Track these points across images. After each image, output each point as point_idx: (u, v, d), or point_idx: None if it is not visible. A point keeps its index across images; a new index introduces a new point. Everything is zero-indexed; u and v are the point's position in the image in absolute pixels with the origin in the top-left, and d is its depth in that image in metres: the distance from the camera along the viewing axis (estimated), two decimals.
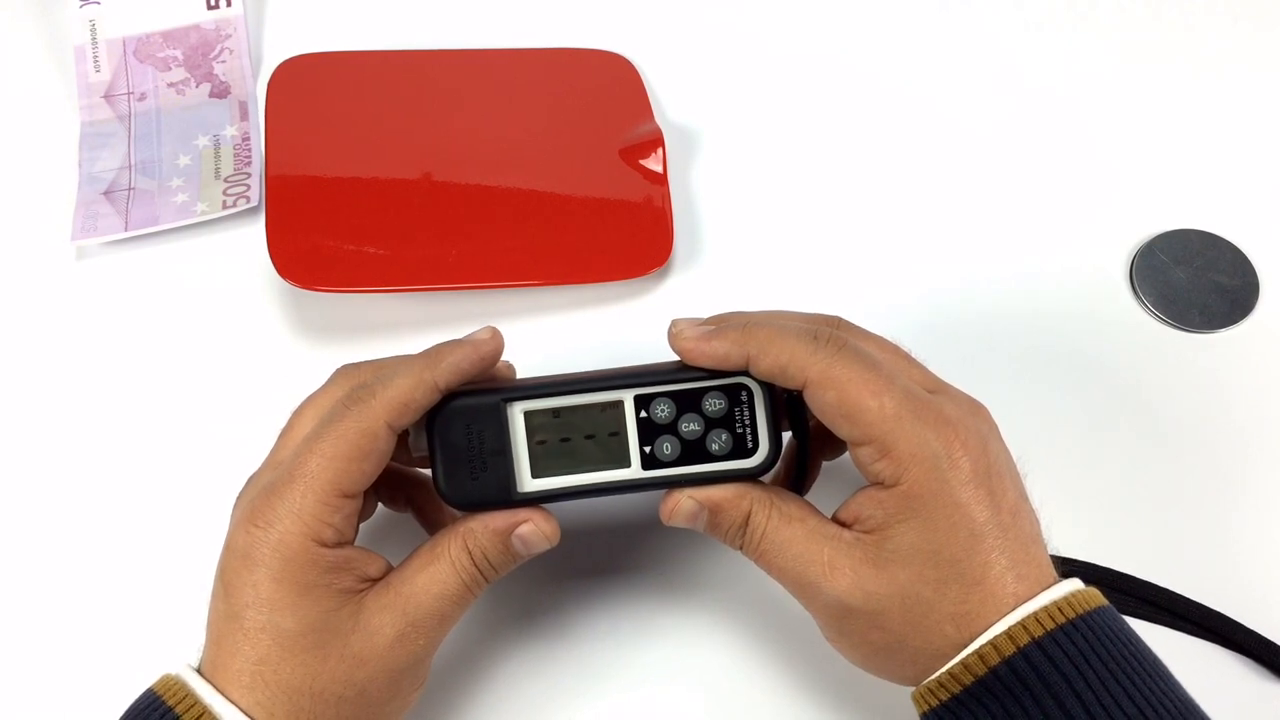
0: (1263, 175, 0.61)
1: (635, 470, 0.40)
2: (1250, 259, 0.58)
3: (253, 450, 0.42)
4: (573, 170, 0.59)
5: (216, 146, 0.62)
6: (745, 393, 0.40)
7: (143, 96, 0.63)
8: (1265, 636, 0.47)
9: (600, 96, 0.63)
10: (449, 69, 0.64)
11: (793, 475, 0.44)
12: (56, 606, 0.48)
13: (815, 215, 0.60)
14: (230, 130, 0.62)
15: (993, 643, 0.36)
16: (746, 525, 0.40)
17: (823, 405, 0.38)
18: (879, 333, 0.42)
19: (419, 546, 0.40)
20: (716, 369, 0.40)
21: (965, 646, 0.37)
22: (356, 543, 0.39)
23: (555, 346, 0.55)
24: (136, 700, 0.38)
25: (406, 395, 0.38)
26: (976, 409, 0.40)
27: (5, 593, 0.49)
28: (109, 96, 0.63)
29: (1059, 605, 0.36)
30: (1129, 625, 0.38)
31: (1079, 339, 0.56)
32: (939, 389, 0.40)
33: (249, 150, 0.61)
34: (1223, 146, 0.62)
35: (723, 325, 0.40)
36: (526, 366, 0.44)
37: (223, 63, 0.64)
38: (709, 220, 0.60)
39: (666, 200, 0.58)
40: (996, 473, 0.38)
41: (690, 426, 0.40)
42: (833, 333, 0.39)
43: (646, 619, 0.48)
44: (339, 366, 0.42)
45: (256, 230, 0.58)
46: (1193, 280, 0.57)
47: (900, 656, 0.38)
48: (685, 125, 0.63)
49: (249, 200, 0.59)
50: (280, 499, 0.37)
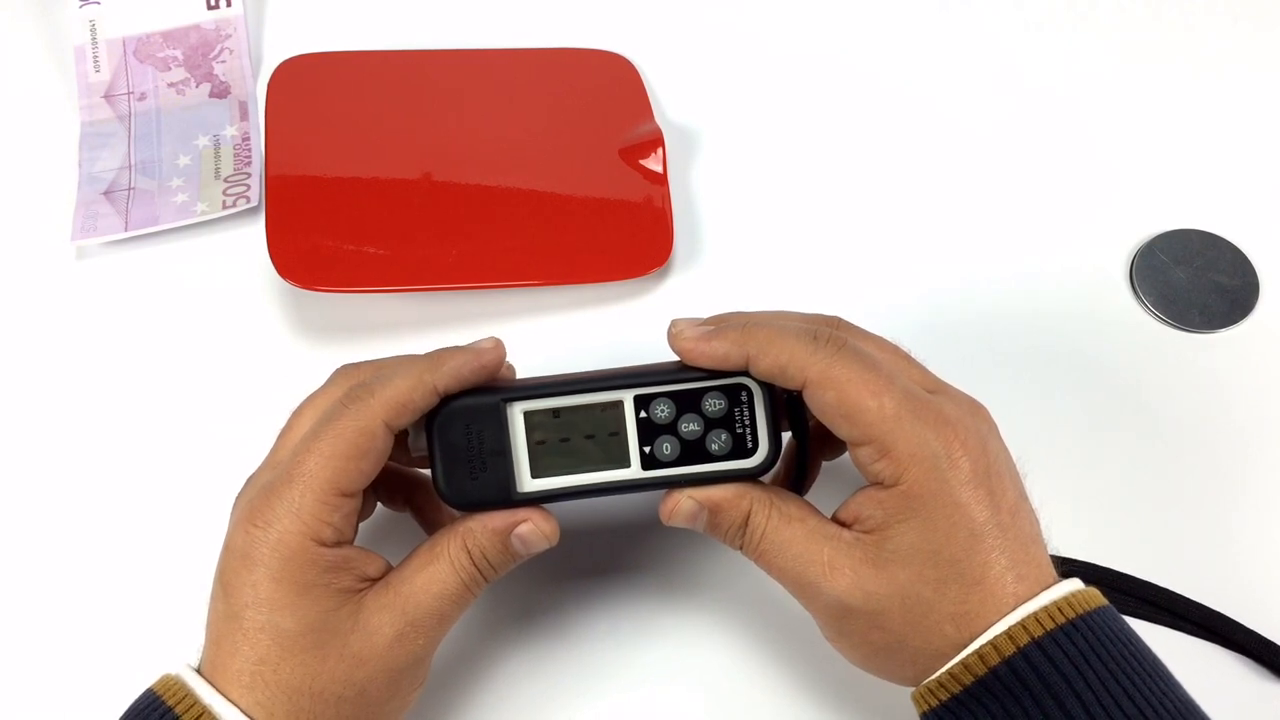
0: (1263, 175, 0.61)
1: (635, 470, 0.40)
2: (1250, 259, 0.58)
3: (252, 450, 0.42)
4: (573, 170, 0.59)
5: (216, 146, 0.61)
6: (745, 393, 0.40)
7: (143, 96, 0.63)
8: (1265, 636, 0.47)
9: (600, 96, 0.63)
10: (449, 69, 0.64)
11: (792, 475, 0.44)
12: (57, 606, 0.48)
13: (815, 215, 0.60)
14: (230, 130, 0.62)
15: (993, 643, 0.36)
16: (746, 525, 0.40)
17: (822, 405, 0.38)
18: (879, 333, 0.42)
19: (418, 546, 0.40)
20: (716, 369, 0.40)
21: (965, 646, 0.37)
22: (356, 542, 0.39)
23: (555, 346, 0.55)
24: (136, 700, 0.38)
25: (405, 396, 0.38)
26: (976, 409, 0.40)
27: (5, 593, 0.49)
28: (109, 96, 0.63)
29: (1059, 605, 0.36)
30: (1129, 625, 0.38)
31: (1079, 339, 0.56)
32: (939, 389, 0.40)
33: (249, 150, 0.61)
34: (1223, 146, 0.62)
35: (722, 325, 0.40)
36: (526, 367, 0.44)
37: (223, 63, 0.64)
38: (709, 220, 0.60)
39: (666, 200, 0.58)
40: (996, 473, 0.38)
41: (690, 426, 0.40)
42: (832, 333, 0.39)
43: (646, 619, 0.48)
44: (338, 366, 0.42)
45: (256, 230, 0.58)
46: (1193, 280, 0.57)
47: (900, 656, 0.38)
48: (685, 125, 0.63)
49: (249, 200, 0.59)
50: (279, 498, 0.37)
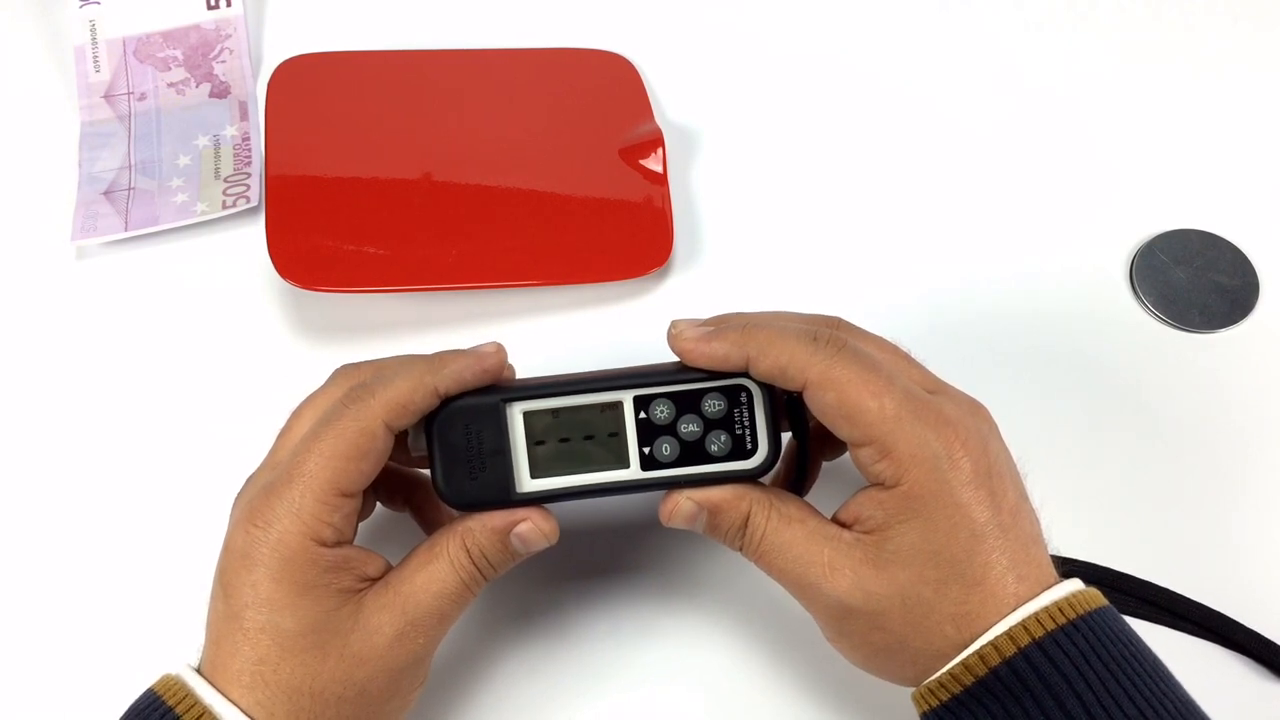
0: (1263, 175, 0.61)
1: (634, 471, 0.40)
2: (1250, 259, 0.58)
3: (252, 450, 0.42)
4: (573, 170, 0.59)
5: (216, 146, 0.61)
6: (745, 394, 0.40)
7: (143, 96, 0.63)
8: (1265, 636, 0.47)
9: (600, 96, 0.63)
10: (449, 69, 0.63)
11: (793, 476, 0.43)
12: (57, 606, 0.48)
13: (815, 215, 0.60)
14: (230, 130, 0.62)
15: (993, 643, 0.36)
16: (746, 526, 0.40)
17: (823, 406, 0.38)
18: (879, 333, 0.42)
19: (417, 546, 0.40)
20: (716, 370, 0.40)
21: (966, 647, 0.37)
22: (355, 542, 0.39)
23: (555, 346, 0.55)
24: (136, 700, 0.38)
25: (405, 397, 0.38)
26: (976, 409, 0.40)
27: (5, 593, 0.49)
28: (109, 96, 0.63)
29: (1059, 606, 0.36)
30: (1129, 625, 0.38)
31: (1079, 339, 0.56)
32: (939, 389, 0.40)
33: (249, 150, 0.61)
34: (1223, 146, 0.62)
35: (722, 326, 0.40)
36: (526, 367, 0.44)
37: (223, 63, 0.64)
38: (709, 220, 0.60)
39: (666, 200, 0.58)
40: (997, 473, 0.38)
41: (689, 427, 0.40)
42: (832, 334, 0.39)
43: (646, 619, 0.48)
44: (339, 366, 0.42)
45: (256, 230, 0.58)
46: (1193, 280, 0.57)
47: (901, 657, 0.38)
48: (685, 125, 0.63)
49: (249, 200, 0.59)
50: (279, 499, 0.37)
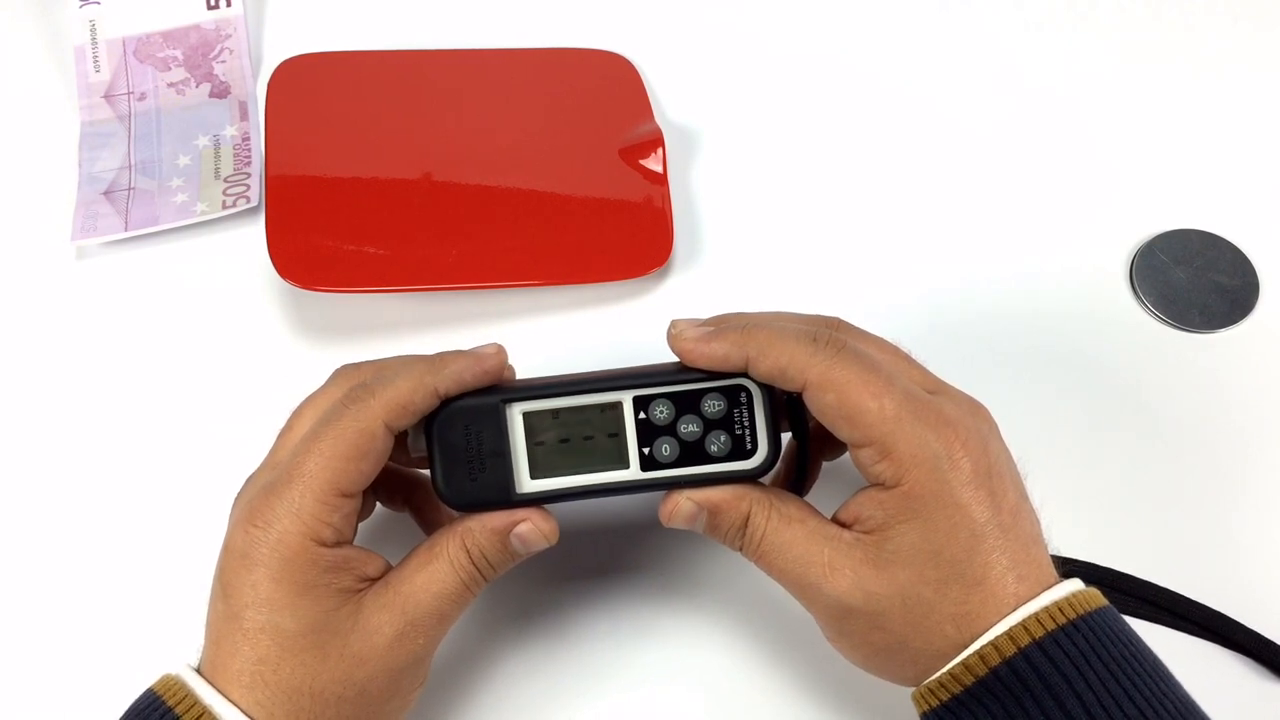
0: (1263, 175, 0.61)
1: (634, 471, 0.40)
2: (1250, 259, 0.58)
3: (252, 450, 0.42)
4: (573, 170, 0.59)
5: (216, 146, 0.61)
6: (744, 394, 0.40)
7: (143, 96, 0.63)
8: (1265, 636, 0.47)
9: (600, 96, 0.63)
10: (449, 69, 0.63)
11: (793, 476, 0.43)
12: (57, 606, 0.48)
13: (815, 215, 0.60)
14: (230, 130, 0.62)
15: (993, 643, 0.36)
16: (746, 526, 0.40)
17: (822, 407, 0.38)
18: (879, 333, 0.42)
19: (417, 546, 0.40)
20: (716, 370, 0.40)
21: (966, 647, 0.37)
22: (356, 542, 0.39)
23: (555, 346, 0.55)
24: (136, 700, 0.38)
25: (405, 397, 0.38)
26: (976, 409, 0.40)
27: (5, 593, 0.49)
28: (109, 96, 0.63)
29: (1060, 606, 0.36)
30: (1129, 625, 0.38)
31: (1079, 339, 0.56)
32: (939, 389, 0.40)
33: (249, 150, 0.61)
34: (1223, 146, 0.62)
35: (722, 326, 0.40)
36: (527, 367, 0.44)
37: (223, 63, 0.64)
38: (709, 220, 0.60)
39: (666, 200, 0.58)
40: (997, 473, 0.38)
41: (689, 428, 0.40)
42: (832, 334, 0.39)
43: (646, 619, 0.48)
44: (339, 366, 0.42)
45: (256, 230, 0.58)
46: (1193, 280, 0.57)
47: (901, 657, 0.38)
48: (685, 125, 0.63)
49: (249, 200, 0.59)
50: (279, 499, 0.37)
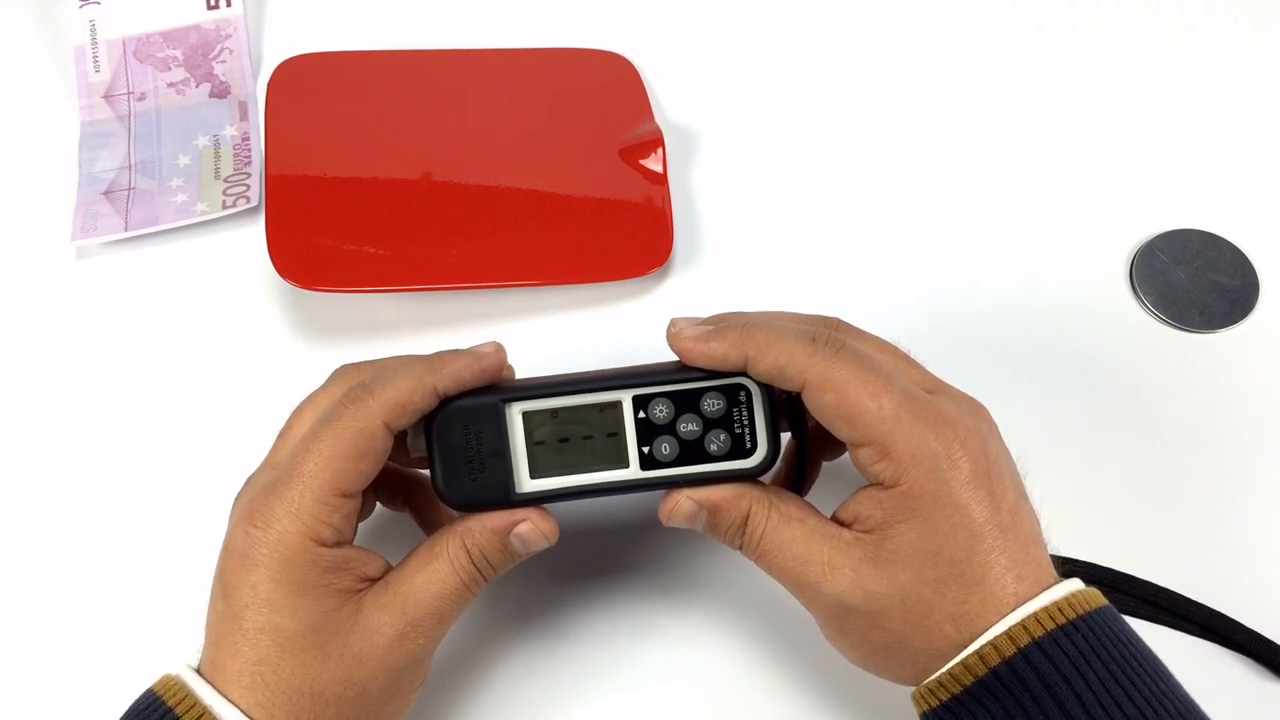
0: (1263, 175, 0.61)
1: (634, 471, 0.40)
2: (1250, 259, 0.58)
3: (252, 450, 0.42)
4: (573, 170, 0.59)
5: (216, 146, 0.61)
6: (744, 393, 0.40)
7: (143, 96, 0.63)
8: (1265, 636, 0.47)
9: (600, 96, 0.63)
10: (449, 69, 0.63)
11: (792, 476, 0.44)
12: (57, 606, 0.48)
13: (815, 215, 0.60)
14: (230, 130, 0.62)
15: (993, 643, 0.36)
16: (746, 525, 0.40)
17: (821, 407, 0.38)
18: (879, 333, 0.42)
19: (417, 546, 0.40)
20: (715, 369, 0.40)
21: (965, 647, 0.37)
22: (355, 542, 0.39)
23: (555, 346, 0.55)
24: (136, 700, 0.38)
25: (405, 397, 0.38)
26: (976, 409, 0.40)
27: (5, 593, 0.49)
28: (109, 96, 0.63)
29: (1059, 606, 0.36)
30: (1129, 625, 0.38)
31: (1079, 339, 0.56)
32: (938, 389, 0.40)
33: (249, 150, 0.61)
34: (1223, 146, 0.62)
35: (722, 326, 0.40)
36: (526, 367, 0.44)
37: (223, 63, 0.64)
38: (709, 220, 0.60)
39: (666, 200, 0.58)
40: (996, 473, 0.38)
41: (689, 427, 0.40)
42: (831, 334, 0.39)
43: (646, 619, 0.48)
44: (338, 366, 0.42)
45: (256, 230, 0.58)
46: (1193, 280, 0.57)
47: (900, 656, 0.38)
48: (685, 125, 0.63)
49: (249, 200, 0.59)
50: (279, 499, 0.37)
